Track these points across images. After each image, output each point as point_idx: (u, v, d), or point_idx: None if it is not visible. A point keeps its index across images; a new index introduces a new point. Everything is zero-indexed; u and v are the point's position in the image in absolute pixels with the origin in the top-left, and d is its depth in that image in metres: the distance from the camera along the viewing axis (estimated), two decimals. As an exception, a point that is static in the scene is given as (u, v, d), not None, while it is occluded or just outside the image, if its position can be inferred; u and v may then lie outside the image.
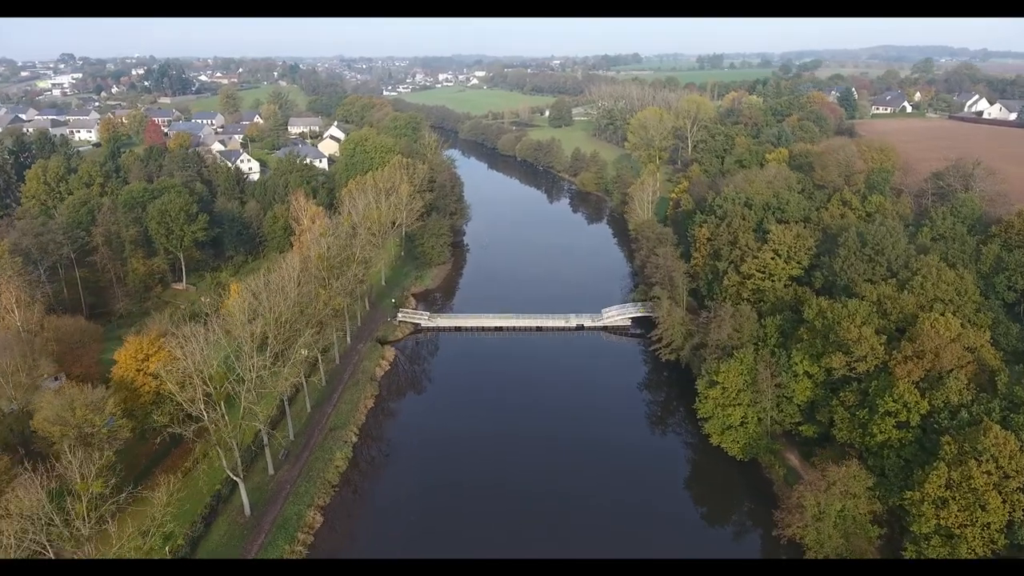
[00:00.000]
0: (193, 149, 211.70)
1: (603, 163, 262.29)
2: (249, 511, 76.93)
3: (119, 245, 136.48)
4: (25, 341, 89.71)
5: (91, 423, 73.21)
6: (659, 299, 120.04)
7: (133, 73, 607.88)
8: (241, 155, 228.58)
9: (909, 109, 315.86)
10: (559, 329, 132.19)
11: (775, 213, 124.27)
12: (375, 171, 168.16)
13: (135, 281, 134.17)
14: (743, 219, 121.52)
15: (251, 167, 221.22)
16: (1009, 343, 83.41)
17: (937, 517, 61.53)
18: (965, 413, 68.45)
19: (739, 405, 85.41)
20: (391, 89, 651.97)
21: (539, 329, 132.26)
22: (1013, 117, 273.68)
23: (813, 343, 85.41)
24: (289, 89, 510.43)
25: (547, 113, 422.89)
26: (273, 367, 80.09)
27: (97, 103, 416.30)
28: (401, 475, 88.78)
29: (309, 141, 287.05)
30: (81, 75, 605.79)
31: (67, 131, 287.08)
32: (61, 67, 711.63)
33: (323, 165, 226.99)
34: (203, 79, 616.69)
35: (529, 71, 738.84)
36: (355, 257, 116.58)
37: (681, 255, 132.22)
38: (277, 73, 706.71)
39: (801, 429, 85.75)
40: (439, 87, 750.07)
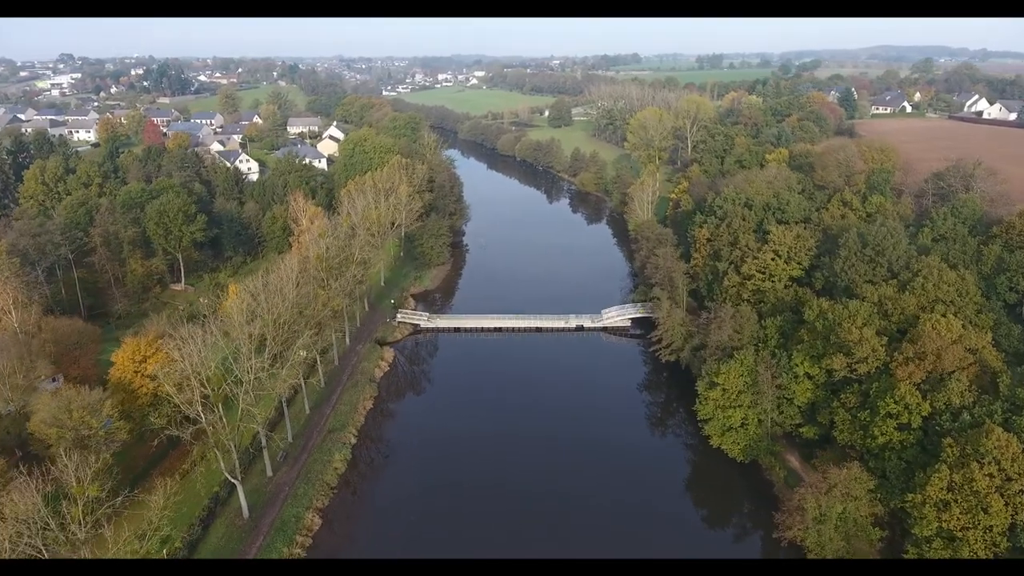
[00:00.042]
0: (192, 149, 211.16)
1: (603, 163, 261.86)
2: (247, 513, 76.57)
3: (117, 246, 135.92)
4: (22, 342, 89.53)
5: (88, 425, 72.95)
6: (659, 300, 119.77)
7: (132, 73, 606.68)
8: (240, 155, 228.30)
9: (909, 109, 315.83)
10: (559, 330, 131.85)
11: (775, 214, 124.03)
12: (374, 171, 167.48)
13: (133, 282, 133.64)
14: (743, 219, 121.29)
15: (250, 167, 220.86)
16: (1011, 344, 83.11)
17: (939, 520, 61.22)
18: (967, 415, 68.15)
19: (739, 406, 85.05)
20: (390, 89, 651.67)
21: (539, 330, 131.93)
22: (1013, 117, 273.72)
23: (814, 344, 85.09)
24: (288, 89, 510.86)
25: (547, 113, 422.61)
26: (271, 368, 79.79)
27: (96, 103, 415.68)
28: (401, 475, 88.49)
29: (308, 141, 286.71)
30: (80, 75, 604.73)
31: (66, 131, 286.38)
32: (60, 67, 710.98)
33: (322, 165, 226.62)
34: (202, 79, 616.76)
35: (529, 71, 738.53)
36: (354, 258, 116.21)
37: (681, 256, 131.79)
38: (276, 73, 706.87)
39: (802, 431, 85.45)
40: (438, 87, 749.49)
